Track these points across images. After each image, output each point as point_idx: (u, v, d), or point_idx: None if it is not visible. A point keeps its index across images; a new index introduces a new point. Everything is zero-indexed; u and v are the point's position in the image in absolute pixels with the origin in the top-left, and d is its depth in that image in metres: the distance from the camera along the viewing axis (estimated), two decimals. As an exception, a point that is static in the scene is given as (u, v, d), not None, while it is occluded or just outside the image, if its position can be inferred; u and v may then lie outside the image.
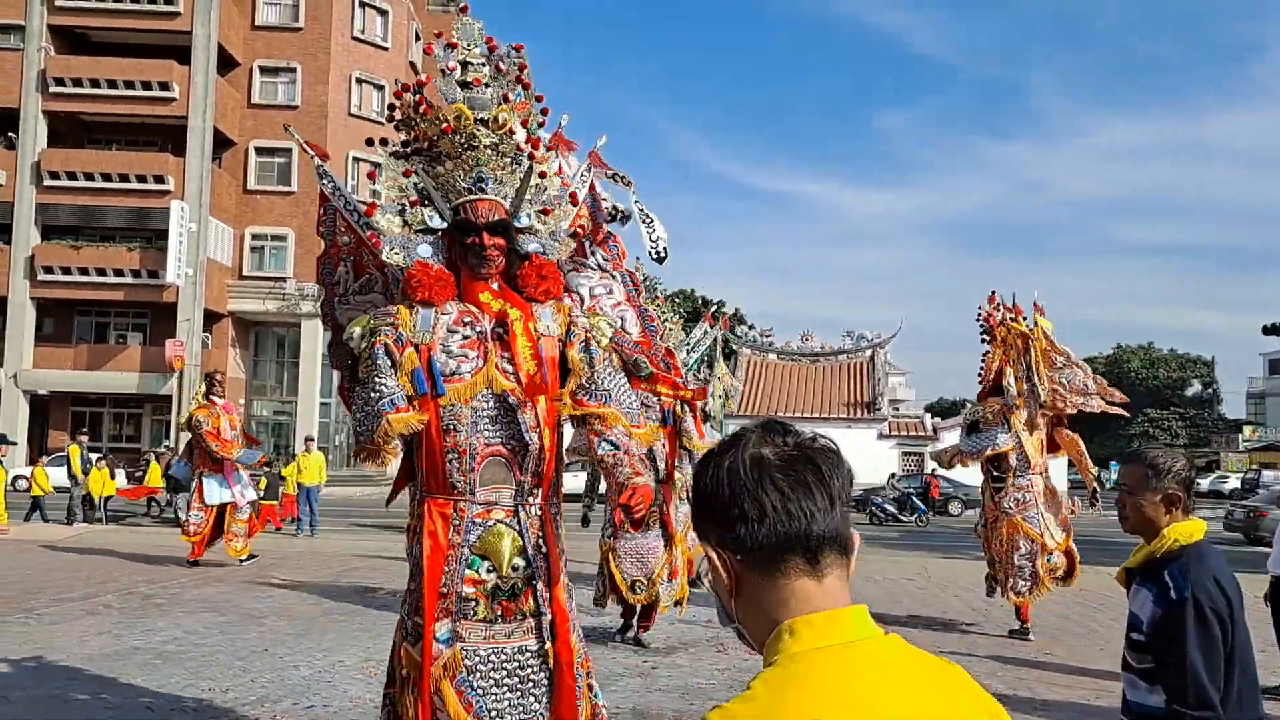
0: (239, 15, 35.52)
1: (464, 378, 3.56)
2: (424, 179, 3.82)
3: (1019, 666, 7.81)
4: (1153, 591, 2.52)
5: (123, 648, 7.69)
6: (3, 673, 6.78)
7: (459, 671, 3.42)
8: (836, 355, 44.05)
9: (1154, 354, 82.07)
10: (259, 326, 36.56)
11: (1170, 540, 2.54)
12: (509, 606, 3.52)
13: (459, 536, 3.49)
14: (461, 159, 3.73)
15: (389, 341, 3.52)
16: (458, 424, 3.52)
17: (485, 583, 3.49)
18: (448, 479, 3.52)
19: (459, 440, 3.51)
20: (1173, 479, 2.58)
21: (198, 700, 6.17)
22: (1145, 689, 2.53)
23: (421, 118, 3.77)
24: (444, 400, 3.52)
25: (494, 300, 3.70)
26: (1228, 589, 2.46)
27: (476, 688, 3.43)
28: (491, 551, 3.51)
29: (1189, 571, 2.47)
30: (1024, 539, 8.90)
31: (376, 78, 37.13)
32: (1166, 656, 2.43)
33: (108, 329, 36.06)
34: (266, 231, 35.82)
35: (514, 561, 3.54)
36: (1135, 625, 2.56)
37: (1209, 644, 2.38)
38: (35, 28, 33.22)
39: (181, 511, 19.30)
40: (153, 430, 34.87)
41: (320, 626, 8.77)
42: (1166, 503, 2.59)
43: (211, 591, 10.66)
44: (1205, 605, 2.40)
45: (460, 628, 3.46)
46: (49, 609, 9.39)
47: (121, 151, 34.29)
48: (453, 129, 3.68)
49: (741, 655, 7.89)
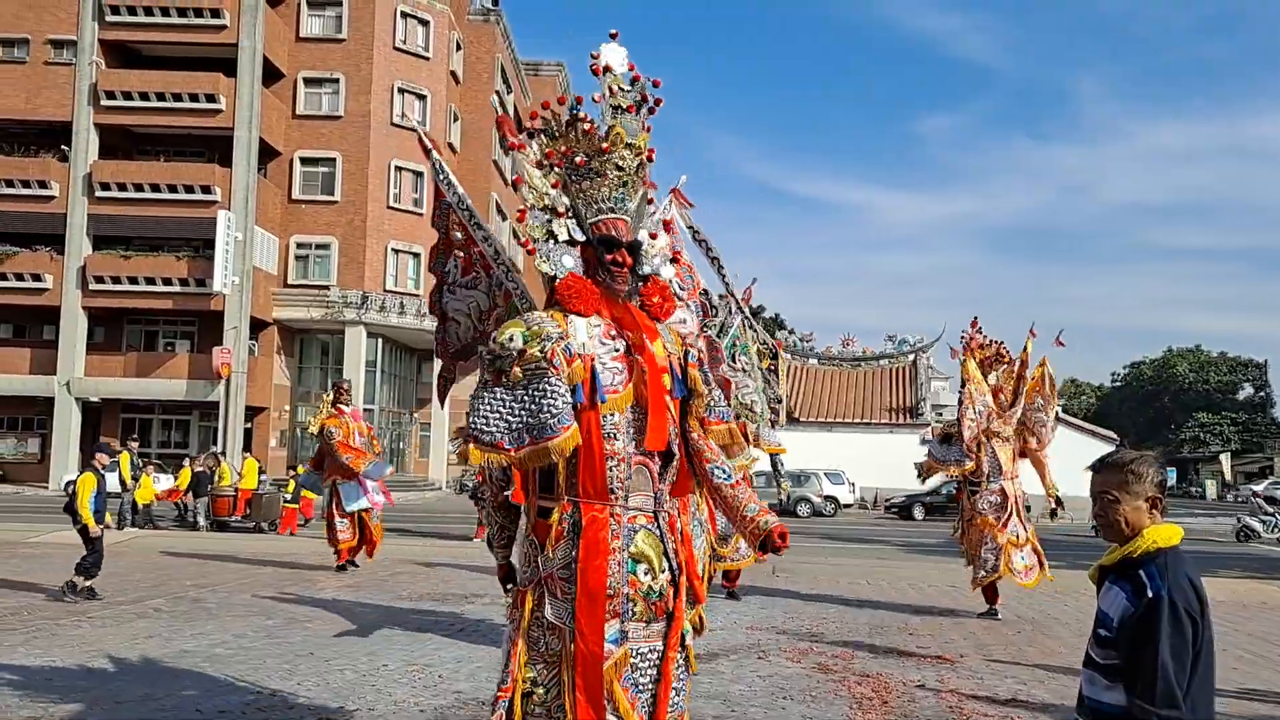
0: (284, 27, 36.07)
1: (618, 389, 3.66)
2: (569, 193, 3.89)
3: (1064, 674, 7.71)
4: (1126, 589, 2.52)
5: (173, 651, 7.84)
6: (59, 675, 6.93)
7: (625, 670, 3.52)
8: (878, 360, 43.71)
9: (1203, 357, 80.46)
10: (303, 334, 37.04)
11: (1149, 541, 2.54)
12: (658, 606, 3.64)
13: (617, 541, 3.57)
14: (606, 178, 3.82)
15: (560, 352, 3.57)
16: (616, 432, 3.62)
17: (641, 585, 3.60)
18: (608, 485, 3.60)
19: (617, 448, 3.61)
20: (1151, 482, 2.60)
21: (244, 703, 6.27)
22: (1104, 686, 2.54)
23: (583, 135, 3.81)
24: (604, 409, 3.61)
25: (630, 315, 3.79)
26: (1202, 593, 2.48)
27: (639, 685, 3.55)
28: (646, 556, 3.63)
29: (1166, 571, 2.48)
30: (989, 535, 10.28)
31: (418, 87, 37.52)
32: (1138, 654, 2.43)
33: (156, 337, 36.74)
34: (311, 240, 36.31)
35: (661, 565, 3.66)
36: (1104, 622, 2.56)
37: (1180, 644, 2.39)
38: (87, 42, 33.98)
39: (201, 516, 19.84)
40: (200, 436, 35.45)
41: (363, 630, 8.87)
42: (1149, 505, 2.60)
43: (257, 596, 10.83)
44: (1180, 605, 2.41)
45: (626, 628, 3.56)
46: (101, 612, 9.59)
47: (170, 162, 34.94)
48: (609, 149, 3.78)
49: (784, 663, 7.87)
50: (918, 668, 7.84)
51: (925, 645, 8.85)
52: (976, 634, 9.57)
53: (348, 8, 36.47)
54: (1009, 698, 6.87)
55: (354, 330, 35.25)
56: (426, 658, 7.76)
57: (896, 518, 31.87)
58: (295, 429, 36.76)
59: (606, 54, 3.87)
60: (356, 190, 36.00)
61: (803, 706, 6.47)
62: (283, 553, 15.26)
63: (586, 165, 3.81)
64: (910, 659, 8.20)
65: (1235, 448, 69.96)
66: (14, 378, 34.01)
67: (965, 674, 7.65)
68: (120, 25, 34.06)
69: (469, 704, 6.35)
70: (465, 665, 7.50)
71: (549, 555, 3.58)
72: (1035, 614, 10.94)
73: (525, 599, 3.64)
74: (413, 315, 36.21)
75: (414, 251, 37.25)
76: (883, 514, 33.42)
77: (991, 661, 8.17)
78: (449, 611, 10.05)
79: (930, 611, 10.93)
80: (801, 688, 6.95)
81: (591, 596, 3.49)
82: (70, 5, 34.00)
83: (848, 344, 44.80)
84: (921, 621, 10.24)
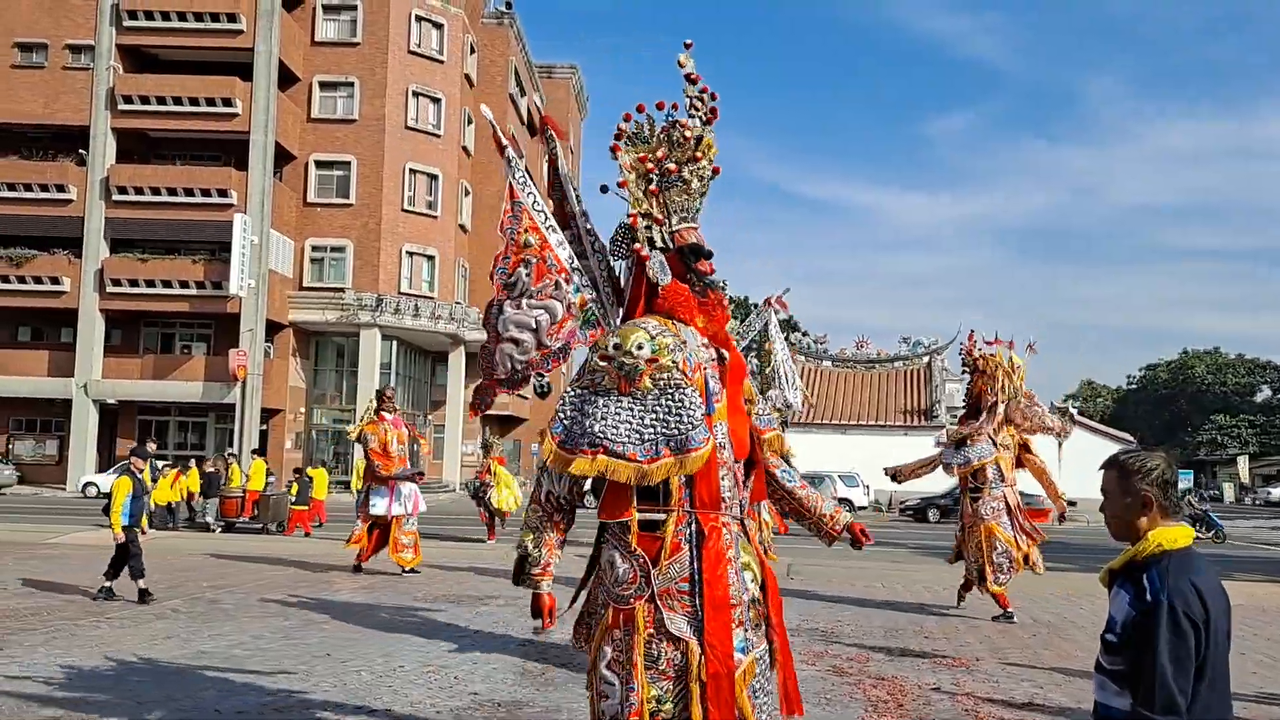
0: (299, 31, 36.27)
1: (720, 398, 3.68)
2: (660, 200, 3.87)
3: (1080, 677, 7.68)
4: (1130, 593, 2.50)
5: (190, 651, 7.90)
6: (79, 675, 6.99)
7: (751, 678, 3.52)
8: (893, 362, 43.62)
9: (1221, 359, 79.92)
10: (319, 336, 37.20)
11: (1153, 544, 2.50)
12: (761, 612, 3.67)
13: (732, 550, 3.58)
14: (690, 187, 3.83)
15: (686, 362, 3.55)
16: (725, 441, 3.63)
17: (751, 591, 3.62)
18: (720, 494, 3.59)
19: (725, 457, 3.62)
20: (1144, 480, 2.55)
21: (262, 703, 6.31)
22: (1114, 691, 2.52)
23: (675, 143, 3.80)
24: (715, 418, 3.60)
25: (717, 323, 3.82)
26: (1208, 597, 2.42)
27: (759, 691, 3.55)
28: (749, 563, 3.65)
29: (1168, 576, 2.44)
30: (999, 540, 10.55)
31: (433, 91, 37.67)
32: (1138, 659, 2.41)
33: (173, 339, 37.00)
34: (326, 243, 36.49)
35: (757, 571, 3.68)
36: (1110, 626, 2.55)
37: (1181, 650, 2.36)
38: (105, 47, 34.26)
39: (210, 517, 20.00)
40: (216, 438, 35.64)
41: (379, 631, 8.92)
42: (1140, 505, 2.56)
43: (274, 597, 10.89)
44: (1180, 611, 2.37)
45: (749, 636, 3.56)
46: (120, 613, 9.67)
47: (186, 166, 35.19)
48: (700, 158, 3.80)
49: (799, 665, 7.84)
50: (933, 670, 7.83)
51: (940, 648, 8.83)
52: (992, 637, 9.54)
53: (362, 12, 36.66)
54: (1025, 701, 6.86)
55: (369, 332, 35.39)
56: (442, 659, 7.79)
57: (911, 520, 31.80)
58: (311, 431, 36.94)
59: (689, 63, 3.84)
60: (371, 193, 36.17)
61: (818, 709, 6.46)
62: (297, 554, 15.34)
63: (677, 174, 3.80)
64: (925, 662, 8.18)
65: (1253, 450, 69.42)
66: (32, 380, 34.32)
67: (981, 677, 7.64)
68: (137, 30, 34.34)
69: (484, 705, 6.37)
70: (481, 667, 7.53)
71: (663, 569, 3.48)
72: (1051, 617, 10.91)
73: (634, 617, 3.48)
74: (427, 318, 36.33)
75: (428, 254, 37.39)
76: (897, 516, 33.34)
77: (1007, 665, 8.15)
78: (464, 613, 10.09)
79: (945, 614, 10.91)
80: (816, 690, 6.94)
81: (718, 607, 3.45)
82: (88, 11, 34.29)
83: (862, 346, 44.73)
84: (936, 624, 10.23)
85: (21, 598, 10.40)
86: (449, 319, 37.01)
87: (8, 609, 9.65)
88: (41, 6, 34.51)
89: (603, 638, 3.58)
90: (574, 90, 55.79)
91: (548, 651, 8.14)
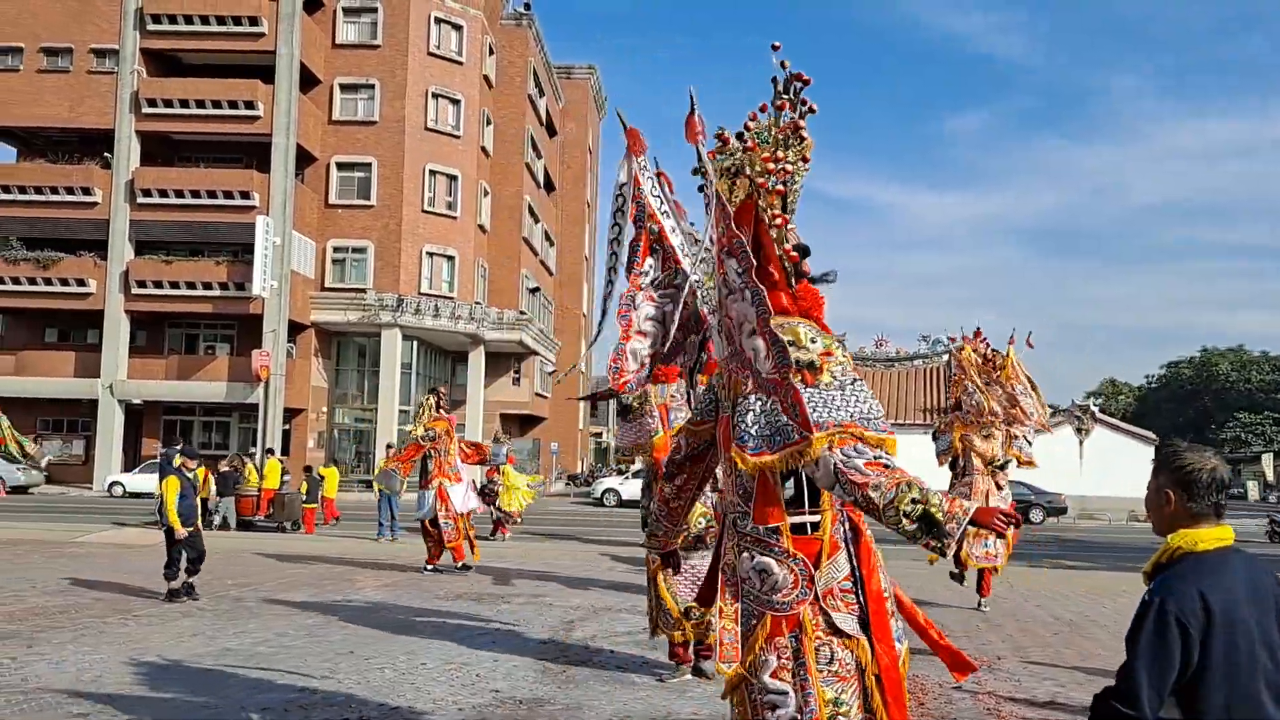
0: (320, 34, 36.49)
1: None
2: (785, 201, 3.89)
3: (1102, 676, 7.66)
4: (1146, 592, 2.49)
5: (216, 649, 7.99)
6: (107, 672, 7.10)
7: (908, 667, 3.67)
8: (912, 360, 43.43)
9: (1245, 356, 79.06)
10: (340, 336, 37.42)
11: (1173, 546, 2.46)
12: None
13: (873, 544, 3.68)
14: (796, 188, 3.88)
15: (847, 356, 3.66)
16: None
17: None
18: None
19: None
20: (1167, 475, 2.50)
21: (287, 700, 6.38)
22: None
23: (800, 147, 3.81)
24: None
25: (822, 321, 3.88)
26: (1214, 602, 2.32)
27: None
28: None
29: (1171, 578, 2.39)
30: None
31: (452, 92, 37.82)
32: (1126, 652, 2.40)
33: (197, 340, 37.32)
34: (347, 244, 36.70)
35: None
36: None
37: (1161, 652, 2.30)
38: (129, 51, 34.56)
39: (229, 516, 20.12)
40: (240, 438, 35.92)
41: (401, 629, 8.99)
42: (1161, 501, 2.52)
43: (297, 595, 10.99)
44: (1171, 614, 2.30)
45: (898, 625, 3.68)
46: (147, 611, 9.79)
47: (209, 169, 35.45)
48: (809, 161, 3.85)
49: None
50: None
51: (961, 647, 8.78)
52: (1013, 636, 9.52)
53: (382, 14, 36.84)
54: (1047, 700, 6.85)
55: (390, 333, 35.58)
56: (464, 656, 7.85)
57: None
58: (333, 430, 37.18)
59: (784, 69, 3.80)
60: (392, 194, 36.35)
61: (838, 707, 6.47)
62: (319, 552, 15.46)
63: (793, 176, 3.82)
64: (946, 660, 8.17)
65: (1278, 448, 68.68)
66: (59, 380, 34.68)
67: (1002, 676, 7.63)
68: (161, 34, 34.62)
69: (506, 703, 6.43)
70: (502, 664, 7.58)
71: (824, 570, 3.50)
72: (1072, 615, 10.87)
73: (800, 621, 3.47)
74: (447, 318, 36.47)
75: (448, 254, 37.54)
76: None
77: (1028, 663, 8.13)
78: (485, 611, 10.15)
79: (965, 612, 10.88)
80: (836, 688, 6.94)
81: (878, 601, 3.55)
82: (112, 15, 34.62)
83: (881, 344, 44.59)
84: (956, 623, 10.19)
85: (50, 596, 10.54)
86: (469, 319, 37.14)
87: (37, 607, 9.79)
88: (66, 11, 34.86)
89: (763, 647, 3.51)
90: (592, 91, 55.86)
91: (569, 650, 8.19)
